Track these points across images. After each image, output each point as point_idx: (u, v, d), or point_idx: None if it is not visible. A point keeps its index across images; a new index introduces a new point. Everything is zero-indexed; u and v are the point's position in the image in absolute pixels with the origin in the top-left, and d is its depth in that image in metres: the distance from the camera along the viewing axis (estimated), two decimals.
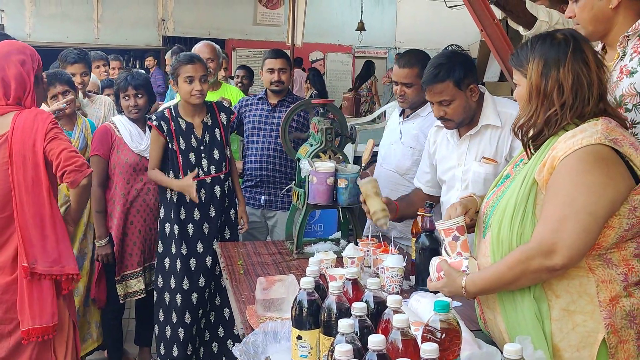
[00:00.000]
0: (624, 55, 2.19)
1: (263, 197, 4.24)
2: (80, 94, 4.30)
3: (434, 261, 2.12)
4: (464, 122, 2.84)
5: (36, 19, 12.32)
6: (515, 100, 2.56)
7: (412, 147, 3.45)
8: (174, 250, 3.72)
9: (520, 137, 1.98)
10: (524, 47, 1.97)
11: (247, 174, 4.30)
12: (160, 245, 3.77)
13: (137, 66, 12.09)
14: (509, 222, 1.90)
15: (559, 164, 1.81)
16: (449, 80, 2.72)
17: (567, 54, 1.86)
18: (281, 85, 4.28)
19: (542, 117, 1.89)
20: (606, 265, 1.83)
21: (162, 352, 3.80)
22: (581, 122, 1.86)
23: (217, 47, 4.99)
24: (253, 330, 2.19)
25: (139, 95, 3.90)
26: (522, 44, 2.01)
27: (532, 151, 1.96)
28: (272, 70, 4.27)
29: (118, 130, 3.89)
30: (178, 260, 3.72)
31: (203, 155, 3.73)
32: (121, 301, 3.95)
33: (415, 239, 2.78)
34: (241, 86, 6.50)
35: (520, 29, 3.53)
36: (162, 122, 3.68)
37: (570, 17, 2.29)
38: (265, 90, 4.39)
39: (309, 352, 1.80)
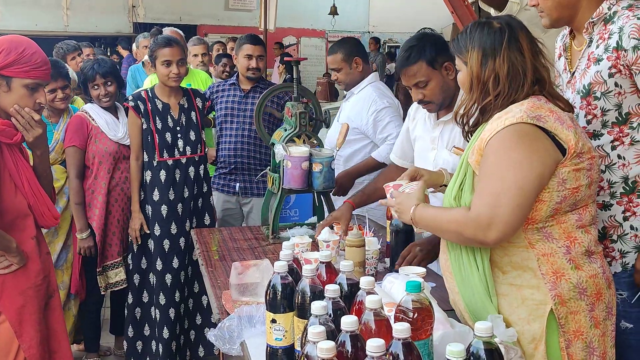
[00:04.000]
0: (591, 41, 2.20)
1: (238, 184, 4.22)
2: None
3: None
4: (445, 102, 2.77)
5: (4, 7, 12.09)
6: None
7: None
8: (147, 231, 3.78)
9: (461, 126, 2.07)
10: (464, 34, 2.02)
11: (220, 161, 4.28)
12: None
13: (109, 54, 11.93)
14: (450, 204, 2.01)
15: (486, 145, 1.88)
16: (421, 61, 2.67)
17: (503, 43, 1.92)
18: (257, 73, 4.22)
19: (479, 105, 1.97)
20: (546, 239, 1.88)
21: (147, 333, 3.86)
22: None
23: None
24: (229, 315, 2.19)
25: (108, 83, 3.85)
26: (462, 30, 2.05)
27: (469, 135, 2.06)
28: (250, 57, 4.19)
29: (93, 120, 3.83)
30: (151, 241, 3.77)
31: (179, 135, 3.79)
32: (102, 292, 3.94)
33: (389, 222, 2.80)
34: (227, 75, 6.47)
35: (492, 10, 3.56)
36: (138, 102, 3.74)
37: (533, 5, 2.30)
38: (237, 76, 4.34)
39: (284, 335, 1.81)
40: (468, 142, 2.08)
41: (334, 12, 13.15)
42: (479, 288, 1.91)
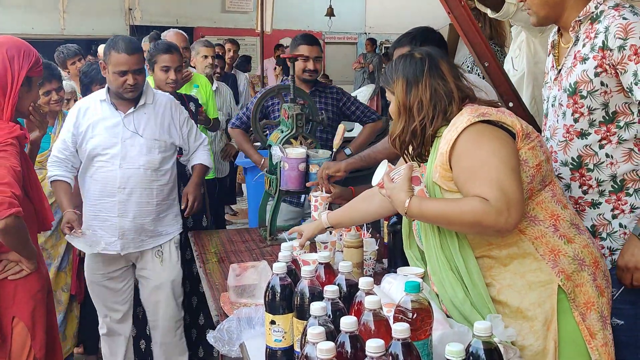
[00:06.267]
0: (577, 40, 2.22)
1: (304, 195, 3.72)
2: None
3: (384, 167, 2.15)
4: None
5: (0, 10, 12.08)
6: (482, 79, 2.65)
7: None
8: None
9: (397, 150, 2.11)
10: (390, 66, 2.11)
11: None
12: None
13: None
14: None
15: (448, 156, 1.91)
16: (406, 47, 2.79)
17: (424, 71, 2.00)
18: (314, 75, 3.95)
19: (408, 131, 2.02)
20: (533, 223, 1.92)
21: (149, 332, 3.83)
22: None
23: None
24: (227, 316, 2.19)
25: None
26: (388, 64, 2.15)
27: (410, 159, 2.09)
28: (306, 58, 3.91)
29: None
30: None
31: None
32: None
33: (387, 222, 2.80)
34: (217, 76, 6.47)
35: (488, 11, 3.55)
36: None
37: (521, 1, 2.33)
38: (292, 79, 4.09)
39: (283, 337, 1.81)
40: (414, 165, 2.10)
41: (330, 13, 13.17)
42: (465, 301, 1.92)
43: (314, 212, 2.92)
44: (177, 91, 4.03)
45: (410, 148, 2.06)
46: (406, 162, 2.10)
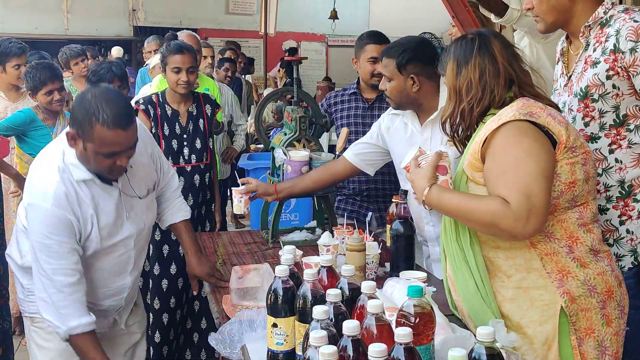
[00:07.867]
0: (588, 45, 2.22)
1: (371, 213, 3.52)
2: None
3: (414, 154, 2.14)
4: (402, 106, 2.85)
5: (4, 10, 12.09)
6: None
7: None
8: None
9: (445, 132, 2.10)
10: (444, 53, 2.09)
11: (348, 185, 3.63)
12: None
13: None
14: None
15: (483, 146, 1.88)
16: (392, 59, 2.76)
17: (474, 51, 1.98)
18: None
19: (457, 112, 2.01)
20: (548, 239, 1.89)
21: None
22: (500, 109, 1.95)
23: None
24: (229, 319, 2.19)
25: (123, 87, 3.88)
26: (443, 52, 2.13)
27: (460, 144, 2.07)
28: (374, 60, 3.48)
29: None
30: (150, 245, 3.72)
31: (185, 143, 3.77)
32: None
33: (389, 226, 2.79)
34: (229, 80, 6.49)
35: (492, 16, 3.56)
36: (149, 106, 3.74)
37: (528, 9, 2.33)
38: (357, 83, 3.77)
39: (285, 340, 1.81)
40: (459, 150, 2.11)
41: (334, 16, 13.13)
42: (476, 295, 1.92)
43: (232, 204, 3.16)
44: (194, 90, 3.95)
45: (460, 130, 2.03)
46: (457, 148, 2.09)
